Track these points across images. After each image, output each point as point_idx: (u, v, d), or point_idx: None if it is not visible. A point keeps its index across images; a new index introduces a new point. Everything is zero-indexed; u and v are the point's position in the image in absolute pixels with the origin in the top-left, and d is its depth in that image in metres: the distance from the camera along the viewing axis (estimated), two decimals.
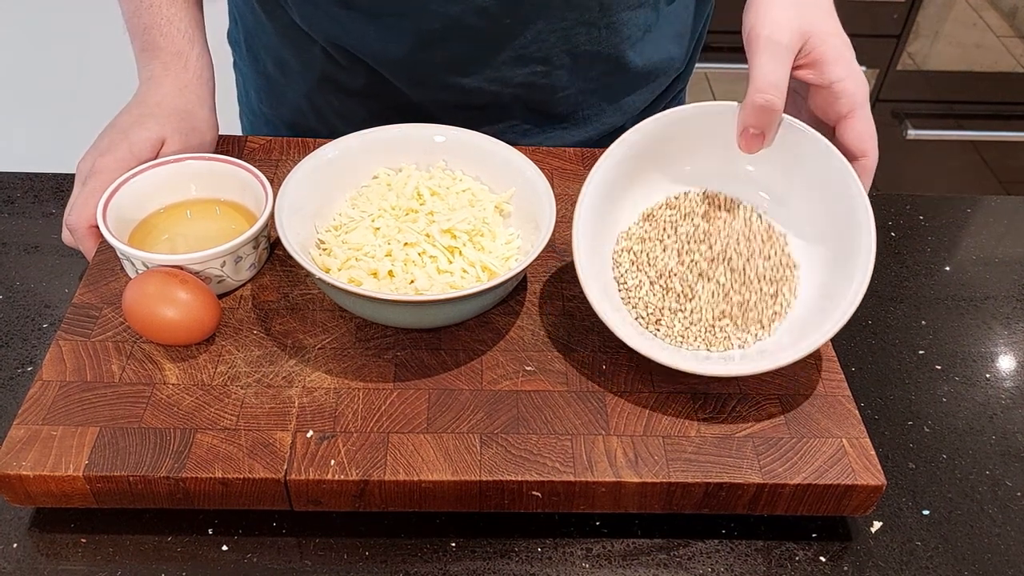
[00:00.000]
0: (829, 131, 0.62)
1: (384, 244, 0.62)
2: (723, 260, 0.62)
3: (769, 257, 0.62)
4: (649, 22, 0.77)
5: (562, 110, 0.81)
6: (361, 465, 0.54)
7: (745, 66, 0.60)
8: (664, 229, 0.64)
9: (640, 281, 0.62)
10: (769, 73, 0.58)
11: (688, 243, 0.63)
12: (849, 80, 0.59)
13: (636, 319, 0.61)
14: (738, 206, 0.64)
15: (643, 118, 0.62)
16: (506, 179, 0.67)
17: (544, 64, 0.76)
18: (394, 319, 0.60)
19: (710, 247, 0.62)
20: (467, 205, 0.66)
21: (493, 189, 0.68)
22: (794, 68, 0.60)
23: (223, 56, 0.93)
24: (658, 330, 0.60)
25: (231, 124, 0.97)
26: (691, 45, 0.84)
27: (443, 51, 0.74)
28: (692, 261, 0.62)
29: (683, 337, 0.60)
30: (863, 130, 0.59)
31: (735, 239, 0.63)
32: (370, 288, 0.59)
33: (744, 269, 0.61)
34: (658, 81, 0.82)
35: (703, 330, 0.60)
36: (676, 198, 0.65)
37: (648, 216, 0.65)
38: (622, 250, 0.64)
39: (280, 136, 0.79)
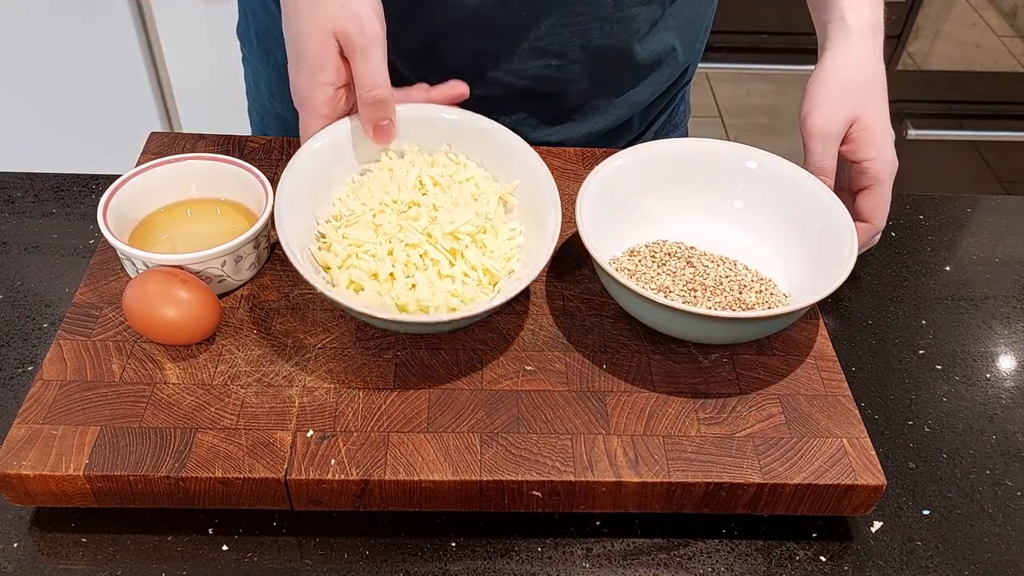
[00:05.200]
0: (851, 197, 0.71)
1: (385, 243, 0.62)
2: (717, 292, 0.64)
3: (760, 292, 0.64)
4: (656, 16, 0.77)
5: (572, 103, 0.81)
6: (361, 465, 0.54)
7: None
8: (655, 258, 0.66)
9: (641, 285, 0.63)
10: (819, 159, 0.69)
11: (680, 274, 0.65)
12: (878, 161, 0.69)
13: None
14: (723, 258, 0.67)
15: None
16: (510, 166, 0.67)
17: (559, 58, 0.76)
18: (394, 329, 0.60)
19: (702, 281, 0.64)
20: (470, 199, 0.65)
21: (497, 177, 0.68)
22: None
23: (232, 52, 0.93)
24: None
25: (240, 120, 0.97)
26: (694, 42, 0.84)
27: (459, 43, 0.74)
28: (688, 287, 0.64)
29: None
30: (876, 203, 0.70)
31: (725, 276, 0.65)
32: (371, 302, 0.59)
33: (739, 298, 0.63)
34: (659, 72, 0.82)
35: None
36: (655, 243, 0.68)
37: (633, 252, 0.67)
38: (616, 269, 0.64)
39: (290, 133, 0.79)
